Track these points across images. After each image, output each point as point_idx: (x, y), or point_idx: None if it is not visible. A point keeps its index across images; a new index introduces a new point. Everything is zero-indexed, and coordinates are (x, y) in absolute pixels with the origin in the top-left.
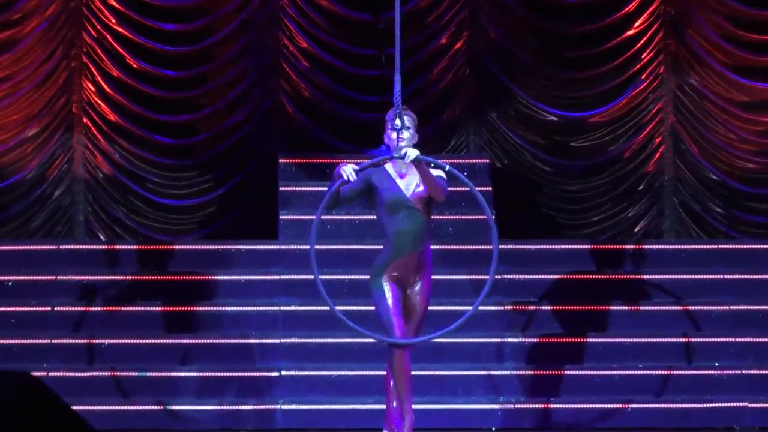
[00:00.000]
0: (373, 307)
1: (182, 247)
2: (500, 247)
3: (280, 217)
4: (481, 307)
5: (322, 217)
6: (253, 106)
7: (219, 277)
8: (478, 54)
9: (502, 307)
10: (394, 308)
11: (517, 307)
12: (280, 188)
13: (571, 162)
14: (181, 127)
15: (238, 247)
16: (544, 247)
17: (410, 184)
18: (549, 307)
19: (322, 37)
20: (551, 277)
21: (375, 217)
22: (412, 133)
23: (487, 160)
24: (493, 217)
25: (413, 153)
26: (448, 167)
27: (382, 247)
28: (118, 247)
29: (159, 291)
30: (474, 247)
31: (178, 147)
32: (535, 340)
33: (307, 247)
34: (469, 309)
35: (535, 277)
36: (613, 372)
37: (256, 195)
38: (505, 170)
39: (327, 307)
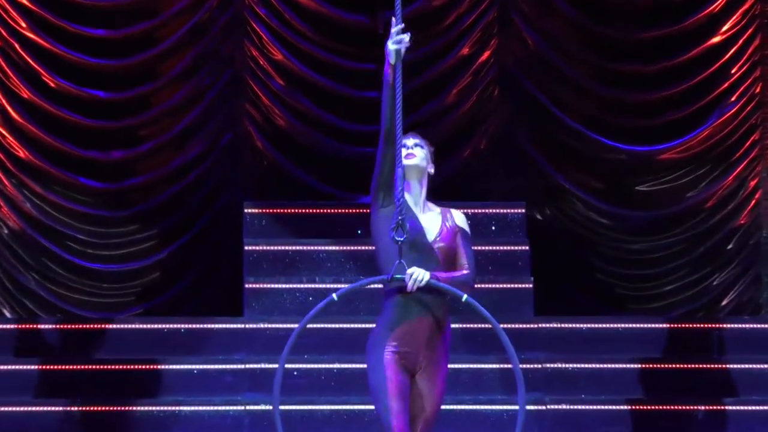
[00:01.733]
0: (369, 406)
1: (116, 326)
2: (540, 325)
3: (246, 285)
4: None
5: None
6: (209, 138)
7: (165, 367)
8: (511, 68)
9: (543, 407)
10: (395, 396)
11: (563, 407)
12: (246, 248)
13: (636, 212)
14: (114, 166)
15: (191, 326)
16: (599, 326)
17: (433, 225)
18: (605, 407)
19: (302, 47)
20: (608, 366)
21: (376, 262)
22: (426, 155)
23: (523, 210)
24: (520, 368)
25: (421, 274)
26: (465, 297)
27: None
28: (28, 326)
29: (83, 385)
30: (507, 325)
31: (109, 193)
32: None
33: (282, 326)
34: (497, 408)
35: (586, 366)
36: None
37: (214, 257)
38: (547, 223)
39: (307, 406)
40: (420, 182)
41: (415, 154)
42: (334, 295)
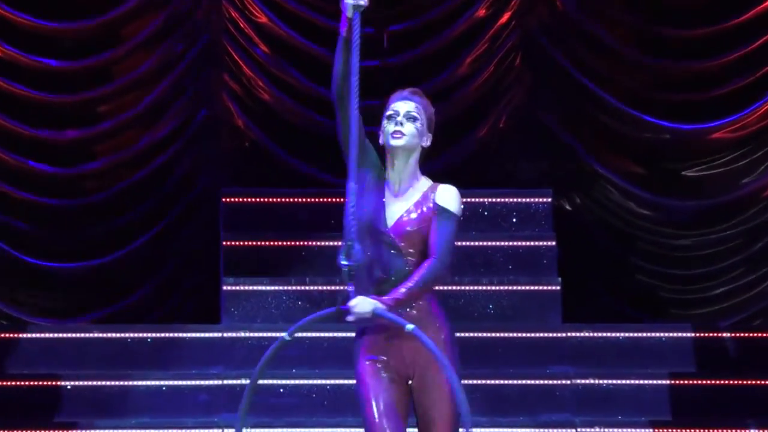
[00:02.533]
0: None
1: (71, 335)
2: (569, 334)
3: (224, 288)
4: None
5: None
6: (181, 116)
7: (129, 383)
8: (535, 33)
9: (573, 431)
10: (379, 415)
11: (596, 430)
12: (224, 243)
13: (682, 202)
14: (68, 148)
15: (159, 335)
16: (638, 335)
17: (401, 210)
18: (644, 431)
19: (290, 7)
20: (648, 382)
21: None
22: (419, 128)
23: (549, 199)
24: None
25: (364, 306)
26: (408, 328)
27: None
28: None
29: (34, 403)
30: (531, 334)
31: (63, 179)
32: None
33: (265, 335)
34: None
35: (623, 382)
36: None
37: (187, 255)
38: (577, 214)
39: (296, 430)
40: (407, 160)
41: (404, 132)
42: (285, 335)
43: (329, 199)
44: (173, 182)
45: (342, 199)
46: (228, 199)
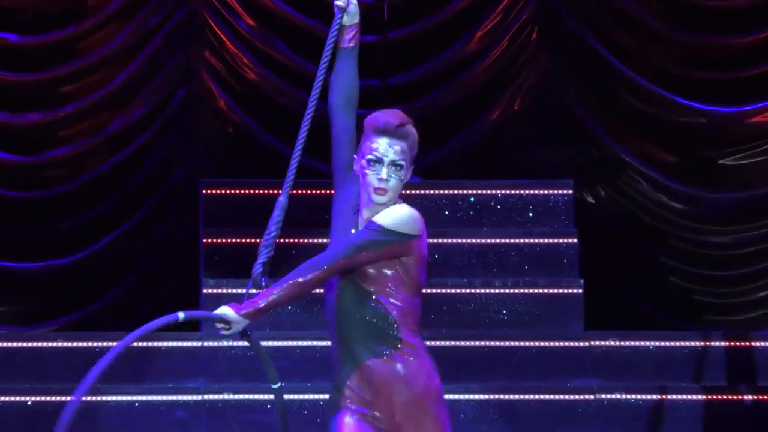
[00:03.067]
0: None
1: (32, 344)
2: (592, 343)
3: (204, 290)
4: None
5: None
6: (157, 96)
7: (98, 399)
8: (554, 3)
9: None
10: None
11: None
12: (204, 240)
13: (720, 194)
14: (30, 133)
15: (131, 344)
16: (671, 344)
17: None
18: None
19: None
20: (683, 398)
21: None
22: (403, 177)
23: (571, 191)
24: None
25: (226, 325)
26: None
27: None
28: None
29: None
30: (550, 343)
31: (24, 168)
32: None
33: (248, 344)
34: None
35: (653, 398)
36: None
37: (163, 253)
38: (601, 208)
39: None
40: (386, 203)
41: (388, 188)
42: (180, 314)
43: (323, 191)
44: (147, 171)
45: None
46: (209, 191)
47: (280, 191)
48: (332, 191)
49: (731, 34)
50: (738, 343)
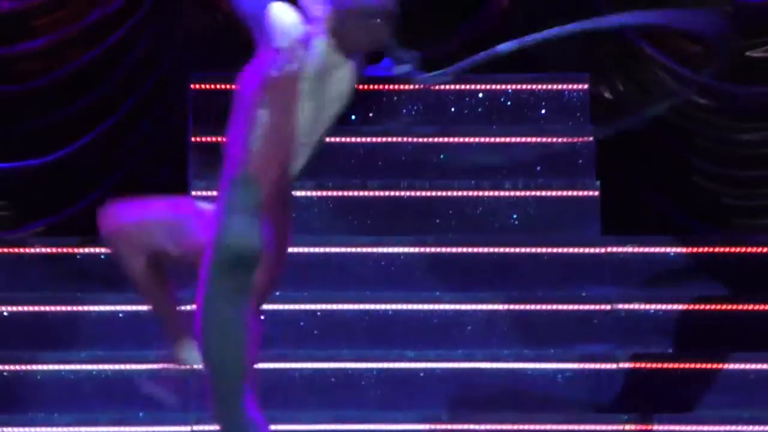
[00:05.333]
0: None
1: (7, 251)
2: (609, 249)
3: (193, 192)
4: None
5: None
6: None
7: (80, 308)
8: None
9: (614, 365)
10: None
11: (642, 366)
12: (193, 139)
13: (747, 87)
14: (0, 23)
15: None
16: (695, 250)
17: None
18: (702, 366)
19: None
20: (707, 308)
21: None
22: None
23: (586, 86)
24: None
25: None
26: None
27: None
28: None
29: None
30: (564, 250)
31: None
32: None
33: None
34: None
35: (675, 308)
36: None
37: (149, 152)
38: (619, 104)
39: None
40: None
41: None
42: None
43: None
44: (130, 64)
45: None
46: (198, 85)
47: None
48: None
49: None
50: (765, 249)
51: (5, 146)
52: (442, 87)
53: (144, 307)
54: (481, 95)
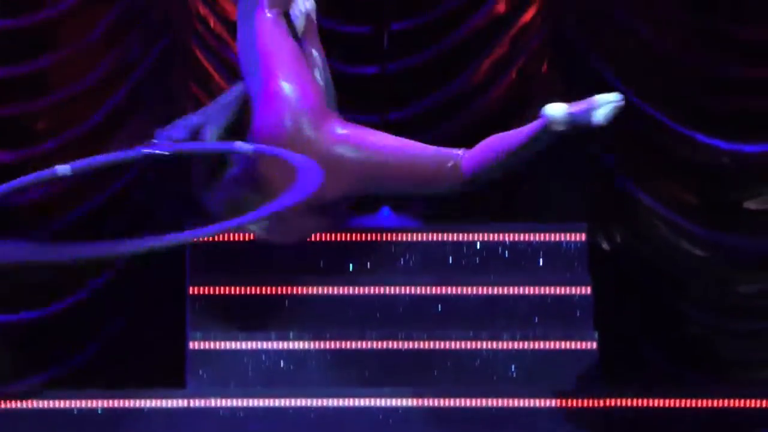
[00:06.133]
0: None
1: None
2: (611, 403)
3: (190, 344)
4: None
5: None
6: (139, 132)
7: None
8: (567, 32)
9: None
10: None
11: None
12: (190, 289)
13: (744, 239)
14: None
15: (111, 404)
16: (696, 404)
17: None
18: None
19: None
20: None
21: None
22: None
23: (584, 236)
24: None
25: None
26: None
27: None
28: None
29: None
30: (561, 402)
31: None
32: None
33: (241, 402)
34: None
35: None
36: None
37: (146, 302)
38: (617, 255)
39: None
40: None
41: None
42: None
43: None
44: (128, 215)
45: (334, 237)
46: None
47: None
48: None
49: (757, 67)
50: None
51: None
52: (439, 237)
53: None
54: (478, 245)
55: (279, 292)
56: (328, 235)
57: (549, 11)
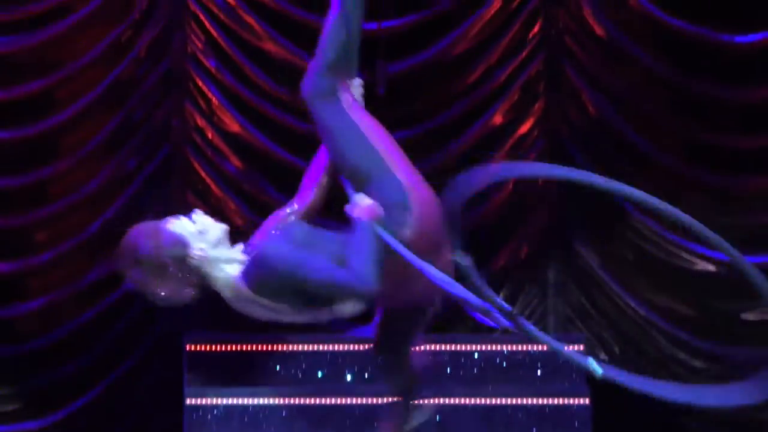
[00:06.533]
0: None
1: None
2: None
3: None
4: None
5: None
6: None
7: None
8: (564, 143)
9: None
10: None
11: None
12: (188, 401)
13: (742, 351)
14: None
15: None
16: None
17: None
18: None
19: (267, 113)
20: None
21: None
22: None
23: (582, 347)
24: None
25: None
26: None
27: None
28: None
29: None
30: None
31: None
32: None
33: None
34: None
35: None
36: None
37: (142, 415)
38: (615, 366)
39: None
40: None
41: None
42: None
43: (314, 347)
44: (123, 325)
45: (331, 347)
46: (192, 346)
47: (269, 347)
48: (316, 346)
49: (758, 176)
50: None
51: (1, 409)
52: (437, 347)
53: None
54: (476, 356)
55: (276, 403)
56: (327, 345)
57: (545, 121)
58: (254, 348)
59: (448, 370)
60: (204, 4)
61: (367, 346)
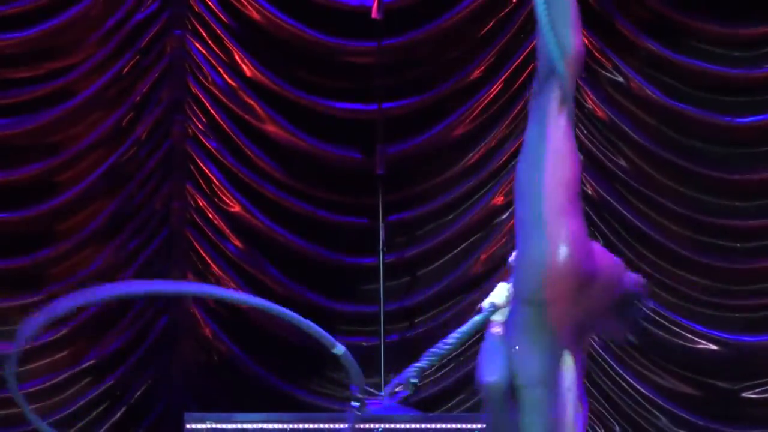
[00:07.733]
0: None
1: None
2: None
3: None
4: None
5: None
6: (137, 324)
7: None
8: None
9: None
10: None
11: None
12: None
13: (744, 430)
14: None
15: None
16: None
17: None
18: None
19: (268, 194)
20: None
21: None
22: None
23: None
24: None
25: None
26: None
27: None
28: None
29: None
30: None
31: None
32: None
33: None
34: None
35: None
36: None
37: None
38: None
39: None
40: None
41: None
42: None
43: (316, 425)
44: (127, 405)
45: (330, 426)
46: (193, 426)
47: (272, 425)
48: (320, 425)
49: (759, 259)
50: None
51: None
52: (437, 426)
53: None
54: None
55: None
56: (327, 424)
57: None
58: (255, 427)
59: None
60: (205, 86)
61: (371, 425)
